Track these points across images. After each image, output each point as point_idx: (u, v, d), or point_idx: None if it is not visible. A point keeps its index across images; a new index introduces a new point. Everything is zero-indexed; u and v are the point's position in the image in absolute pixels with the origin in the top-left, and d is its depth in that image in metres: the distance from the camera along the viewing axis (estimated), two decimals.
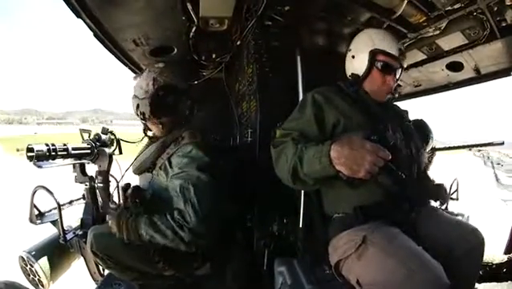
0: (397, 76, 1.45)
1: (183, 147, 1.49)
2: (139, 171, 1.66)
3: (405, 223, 1.25)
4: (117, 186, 2.02)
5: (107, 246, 1.45)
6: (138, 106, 1.59)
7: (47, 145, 1.63)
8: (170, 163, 1.50)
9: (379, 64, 1.41)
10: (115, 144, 2.02)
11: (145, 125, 1.69)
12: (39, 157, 1.60)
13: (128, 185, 1.42)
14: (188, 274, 1.57)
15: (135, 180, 1.65)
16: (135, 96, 1.60)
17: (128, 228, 1.38)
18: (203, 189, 1.37)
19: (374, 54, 1.40)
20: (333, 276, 1.30)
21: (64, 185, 2.18)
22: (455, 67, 2.11)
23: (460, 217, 2.18)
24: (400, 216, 1.27)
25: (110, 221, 1.45)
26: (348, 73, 1.51)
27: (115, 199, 2.04)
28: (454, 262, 1.11)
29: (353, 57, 1.48)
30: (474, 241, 1.22)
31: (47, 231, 1.92)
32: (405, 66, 1.50)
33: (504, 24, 1.63)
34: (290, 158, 1.18)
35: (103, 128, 2.01)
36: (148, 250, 1.43)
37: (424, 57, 2.14)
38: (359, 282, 1.14)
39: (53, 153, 1.65)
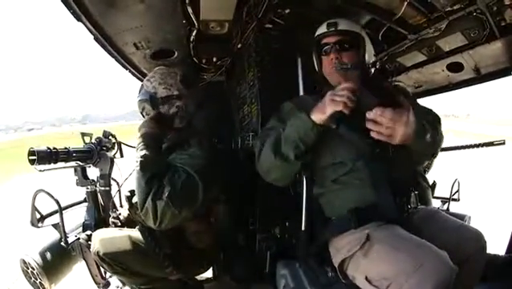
0: (347, 49, 1.36)
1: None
2: None
3: (405, 223, 1.25)
4: (119, 190, 2.02)
5: (115, 252, 1.44)
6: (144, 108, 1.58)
7: (49, 148, 1.64)
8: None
9: (321, 49, 1.42)
10: (116, 147, 2.02)
11: None
12: (41, 160, 1.60)
13: (132, 192, 1.41)
14: (191, 278, 1.57)
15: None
16: (142, 100, 1.57)
17: None
18: (191, 179, 1.33)
19: (317, 44, 1.43)
20: (336, 279, 1.30)
21: (66, 189, 2.18)
22: (455, 67, 2.10)
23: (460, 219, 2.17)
24: (397, 215, 1.26)
25: None
26: None
27: (117, 202, 2.05)
28: (455, 265, 1.11)
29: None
30: (476, 245, 1.22)
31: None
32: (407, 65, 1.46)
33: (503, 24, 1.62)
34: (273, 134, 1.25)
35: (105, 132, 2.01)
36: (157, 255, 1.43)
37: (425, 58, 2.14)
38: (367, 279, 1.13)
39: (54, 157, 1.66)
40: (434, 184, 2.56)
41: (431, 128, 1.22)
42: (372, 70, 1.50)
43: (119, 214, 1.72)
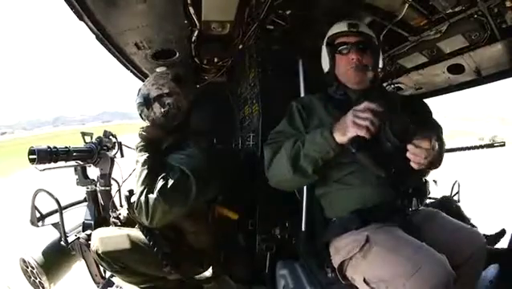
0: (368, 51, 1.37)
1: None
2: None
3: (405, 225, 1.25)
4: (119, 190, 2.02)
5: (114, 250, 1.44)
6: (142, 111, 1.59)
7: (49, 148, 1.64)
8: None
9: (336, 48, 1.40)
10: (116, 147, 2.02)
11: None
12: (41, 160, 1.60)
13: (131, 192, 1.42)
14: (191, 278, 1.57)
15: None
16: (139, 103, 1.58)
17: None
18: (183, 180, 1.35)
19: (331, 43, 1.42)
20: (335, 279, 1.29)
21: (66, 188, 2.18)
22: (456, 69, 2.10)
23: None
24: (398, 217, 1.27)
25: None
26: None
27: (117, 202, 2.05)
28: (456, 266, 1.11)
29: (322, 58, 1.50)
30: (476, 245, 1.22)
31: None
32: (408, 67, 1.42)
33: (504, 26, 1.62)
34: (290, 146, 1.22)
35: (105, 132, 2.02)
36: (155, 254, 1.43)
37: (426, 60, 2.14)
38: (365, 281, 1.13)
39: (55, 156, 1.65)
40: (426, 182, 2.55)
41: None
42: (381, 74, 1.51)
43: (120, 214, 1.72)
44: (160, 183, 1.30)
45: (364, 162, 1.15)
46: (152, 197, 1.29)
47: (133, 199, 1.35)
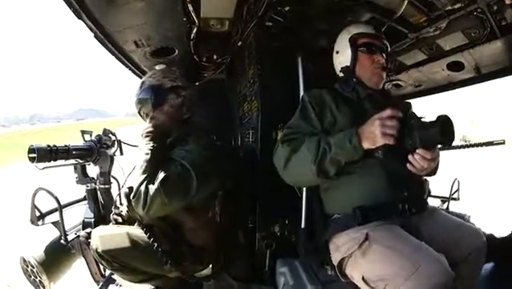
0: (384, 56, 1.46)
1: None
2: None
3: (406, 224, 1.25)
4: (119, 189, 2.02)
5: (114, 249, 1.44)
6: (141, 108, 1.58)
7: (49, 146, 1.63)
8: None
9: (361, 47, 1.45)
10: (116, 145, 2.02)
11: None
12: (41, 158, 1.60)
13: (131, 189, 1.42)
14: (191, 276, 1.57)
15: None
16: (143, 99, 1.56)
17: None
18: (182, 176, 1.35)
19: (354, 40, 1.45)
20: (335, 276, 1.29)
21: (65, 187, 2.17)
22: (455, 66, 2.10)
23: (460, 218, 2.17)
24: (399, 217, 1.26)
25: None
26: (338, 70, 1.53)
27: (117, 200, 2.05)
28: (455, 263, 1.11)
29: (337, 52, 1.52)
30: (476, 243, 1.22)
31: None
32: (407, 64, 1.47)
33: (504, 23, 1.63)
34: (314, 147, 1.23)
35: (105, 130, 2.01)
36: (155, 251, 1.43)
37: (425, 57, 2.14)
38: (364, 279, 1.14)
39: (54, 154, 1.65)
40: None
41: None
42: None
43: (121, 211, 1.72)
44: (161, 174, 1.30)
45: (388, 164, 1.23)
46: (152, 187, 1.29)
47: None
